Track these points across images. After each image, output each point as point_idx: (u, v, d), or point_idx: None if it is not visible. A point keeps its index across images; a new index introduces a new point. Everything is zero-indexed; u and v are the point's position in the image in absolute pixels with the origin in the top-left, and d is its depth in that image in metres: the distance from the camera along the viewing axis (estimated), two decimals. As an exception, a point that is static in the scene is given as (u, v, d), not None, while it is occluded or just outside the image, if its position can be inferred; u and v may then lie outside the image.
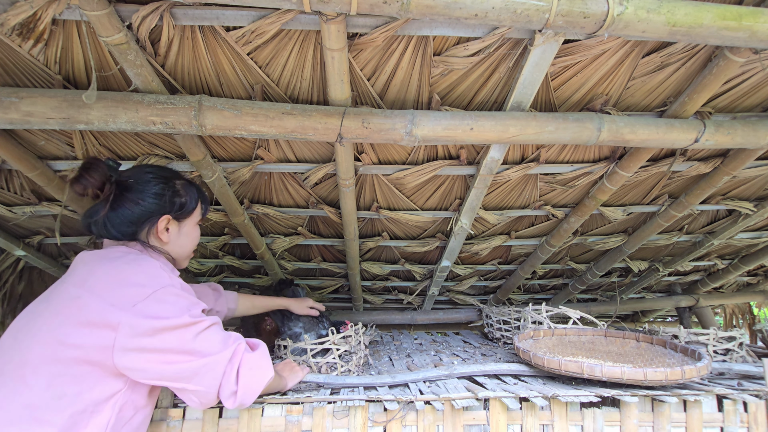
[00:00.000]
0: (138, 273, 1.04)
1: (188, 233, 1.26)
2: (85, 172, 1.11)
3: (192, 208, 1.25)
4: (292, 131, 1.35)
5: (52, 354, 0.94)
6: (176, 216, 1.21)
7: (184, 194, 1.23)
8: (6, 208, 1.87)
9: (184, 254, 1.27)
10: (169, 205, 1.18)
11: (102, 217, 1.12)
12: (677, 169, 1.92)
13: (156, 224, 1.17)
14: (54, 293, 1.04)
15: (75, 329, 0.95)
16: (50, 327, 0.96)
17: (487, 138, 1.43)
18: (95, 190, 1.12)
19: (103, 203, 1.13)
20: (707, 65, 1.43)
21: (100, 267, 1.05)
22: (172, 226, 1.20)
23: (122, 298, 0.98)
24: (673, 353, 1.64)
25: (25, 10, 1.11)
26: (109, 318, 0.96)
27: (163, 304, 1.01)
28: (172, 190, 1.20)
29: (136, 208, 1.13)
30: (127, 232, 1.14)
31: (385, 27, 1.20)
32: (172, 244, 1.21)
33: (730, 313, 4.29)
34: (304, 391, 1.42)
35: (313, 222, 2.24)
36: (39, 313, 1.01)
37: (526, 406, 1.33)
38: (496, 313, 2.46)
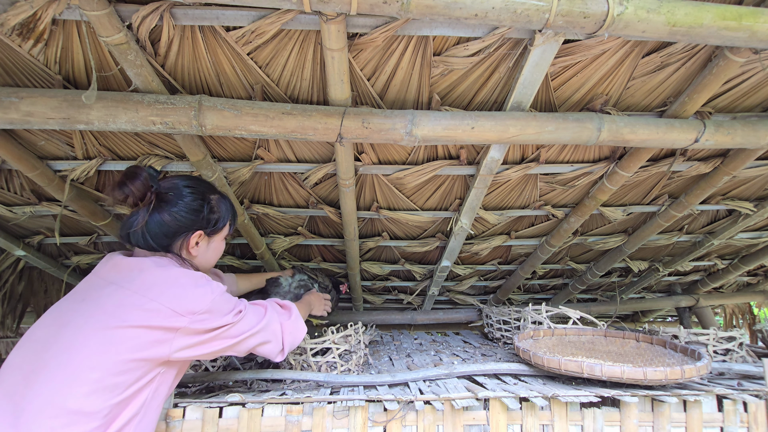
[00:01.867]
0: (195, 284, 1.11)
1: (215, 248, 1.30)
2: (129, 180, 1.13)
3: (224, 224, 1.29)
4: (292, 131, 1.35)
5: (107, 353, 0.97)
6: (209, 232, 1.25)
7: (217, 211, 1.26)
8: (6, 208, 1.87)
9: (207, 267, 1.31)
10: (204, 222, 1.22)
11: (141, 227, 1.15)
12: (677, 169, 1.92)
13: (189, 239, 1.20)
14: (103, 294, 1.06)
15: (137, 332, 1.00)
16: (106, 326, 0.99)
17: (487, 138, 1.43)
18: (136, 200, 1.14)
19: (143, 213, 1.15)
20: (707, 65, 1.43)
21: (158, 275, 1.09)
22: (203, 241, 1.24)
23: (185, 306, 1.05)
24: (673, 353, 1.64)
25: (25, 10, 1.11)
26: (173, 323, 1.04)
27: (216, 313, 1.12)
28: (209, 206, 1.23)
29: (173, 223, 1.16)
30: (163, 243, 1.17)
31: (385, 27, 1.20)
32: (199, 258, 1.25)
33: (730, 313, 4.29)
34: (304, 391, 1.42)
35: (313, 222, 2.24)
36: (89, 313, 1.02)
37: (526, 406, 1.33)
38: (496, 313, 2.46)
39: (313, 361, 1.59)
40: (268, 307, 1.30)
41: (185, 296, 1.07)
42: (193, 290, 1.09)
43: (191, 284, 1.10)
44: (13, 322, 2.69)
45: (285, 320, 1.31)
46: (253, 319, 1.22)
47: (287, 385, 1.53)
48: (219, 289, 1.15)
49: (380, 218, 2.17)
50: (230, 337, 1.16)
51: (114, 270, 1.12)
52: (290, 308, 1.38)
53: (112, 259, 1.15)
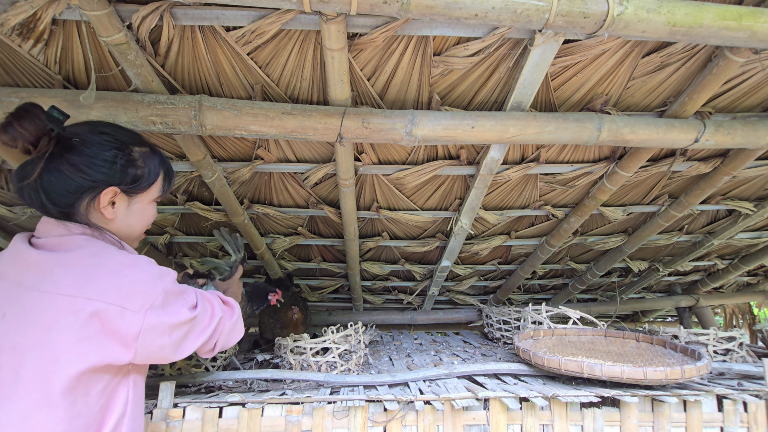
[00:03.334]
0: (140, 270, 0.93)
1: (140, 211, 1.04)
2: (17, 120, 0.87)
3: (149, 182, 1.03)
4: (292, 131, 1.35)
5: (61, 374, 0.83)
6: (127, 190, 0.99)
7: (141, 165, 1.01)
8: (6, 208, 1.87)
9: (132, 235, 1.06)
10: (119, 176, 0.96)
11: (33, 180, 0.91)
12: (677, 169, 1.92)
13: (99, 197, 0.95)
14: (28, 305, 0.86)
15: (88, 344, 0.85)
16: (47, 344, 0.83)
17: (487, 138, 1.43)
18: (26, 144, 0.88)
19: (36, 162, 0.90)
20: (707, 65, 1.43)
21: (90, 266, 0.90)
22: (120, 200, 0.99)
23: (135, 301, 0.88)
24: (673, 353, 1.64)
25: (25, 10, 1.11)
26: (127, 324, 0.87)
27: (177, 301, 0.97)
28: (126, 157, 0.98)
29: (75, 174, 0.92)
30: (63, 203, 0.94)
31: (385, 27, 1.20)
32: (117, 222, 1.00)
33: (730, 313, 4.29)
34: (304, 391, 1.42)
35: (313, 222, 2.24)
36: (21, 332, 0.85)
37: (526, 406, 1.33)
38: (496, 313, 2.46)
39: (313, 361, 1.59)
40: (214, 302, 1.10)
41: (133, 288, 0.89)
42: (139, 278, 0.91)
43: (136, 271, 0.92)
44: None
45: (227, 320, 1.12)
46: (206, 313, 1.05)
47: (287, 385, 1.53)
48: (169, 274, 0.97)
49: (380, 218, 2.17)
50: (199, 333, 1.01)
51: (29, 270, 0.89)
52: (233, 307, 1.17)
53: (18, 252, 0.92)
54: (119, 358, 0.88)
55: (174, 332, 0.94)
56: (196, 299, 1.02)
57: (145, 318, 0.88)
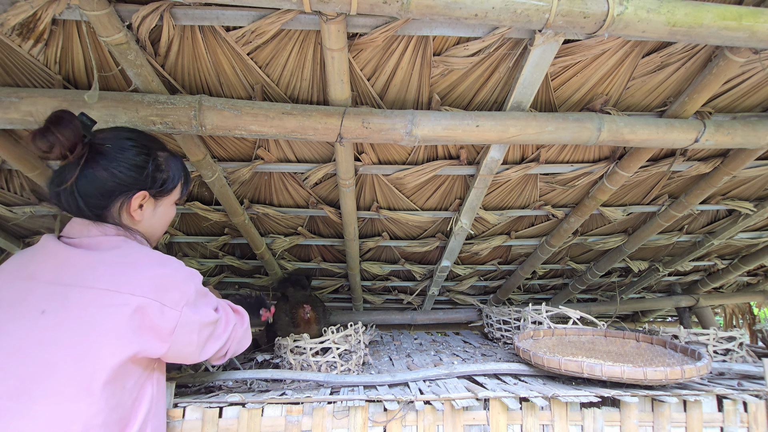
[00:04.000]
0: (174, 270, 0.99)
1: (164, 213, 1.12)
2: (54, 126, 0.92)
3: (173, 186, 1.10)
4: (292, 131, 1.35)
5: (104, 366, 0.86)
6: (155, 193, 1.06)
7: (166, 169, 1.08)
8: (6, 208, 1.87)
9: (155, 235, 1.13)
10: (149, 181, 1.03)
11: (70, 184, 0.96)
12: (677, 169, 1.92)
13: (130, 201, 1.02)
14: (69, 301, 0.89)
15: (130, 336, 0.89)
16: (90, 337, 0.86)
17: (487, 138, 1.43)
18: (63, 151, 0.93)
19: (73, 167, 0.96)
20: (707, 65, 1.43)
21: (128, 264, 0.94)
22: (148, 204, 1.06)
23: (173, 298, 0.94)
24: (673, 353, 1.64)
25: (25, 10, 1.11)
26: (166, 319, 0.93)
27: (204, 301, 1.04)
28: (154, 163, 1.05)
29: (110, 180, 0.98)
30: (97, 205, 0.99)
31: (385, 27, 1.20)
32: (144, 223, 1.07)
33: (730, 313, 4.29)
34: (304, 391, 1.42)
35: (313, 222, 2.24)
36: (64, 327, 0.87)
37: (526, 406, 1.33)
38: (496, 313, 2.46)
39: (313, 361, 1.59)
40: (228, 309, 1.17)
41: (170, 285, 0.94)
42: (175, 276, 0.97)
43: (171, 270, 0.97)
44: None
45: (239, 327, 1.18)
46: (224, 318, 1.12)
47: (287, 385, 1.53)
48: (198, 276, 1.03)
49: (380, 218, 2.17)
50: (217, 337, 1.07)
51: (69, 268, 0.93)
52: (243, 316, 1.24)
53: (51, 252, 0.96)
54: (155, 350, 0.93)
55: (202, 331, 1.01)
56: (216, 303, 1.09)
57: (181, 314, 0.94)
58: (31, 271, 0.94)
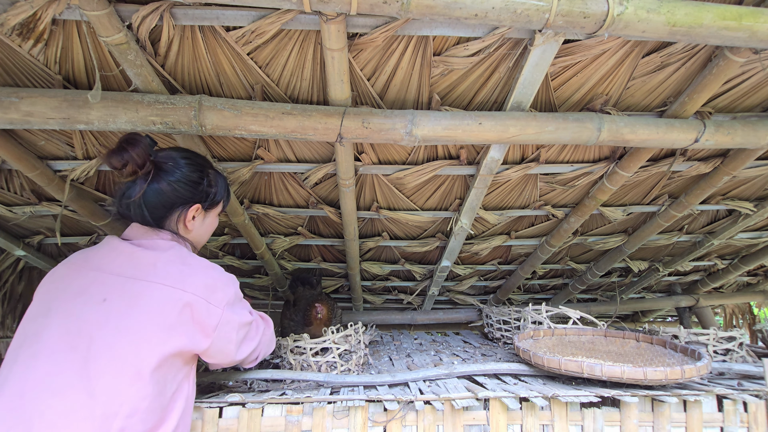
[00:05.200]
0: (219, 273, 1.12)
1: (210, 223, 1.28)
2: (130, 146, 1.08)
3: (220, 199, 1.27)
4: (292, 131, 1.35)
5: (154, 353, 0.96)
6: (206, 206, 1.23)
7: (215, 185, 1.24)
8: (6, 208, 1.87)
9: (201, 242, 1.29)
10: (203, 195, 1.20)
11: (139, 197, 1.10)
12: (677, 169, 1.92)
13: (187, 212, 1.17)
14: (130, 291, 1.00)
15: (179, 328, 1.00)
16: (149, 325, 0.97)
17: (487, 138, 1.43)
18: (135, 167, 1.09)
19: (141, 182, 1.11)
20: (707, 65, 1.43)
21: (183, 264, 1.07)
22: (199, 215, 1.21)
23: (218, 297, 1.06)
24: (673, 353, 1.64)
25: (25, 10, 1.11)
26: (211, 315, 1.04)
27: (241, 304, 1.16)
28: (207, 179, 1.21)
29: (172, 193, 1.13)
30: (160, 216, 1.14)
31: (385, 27, 1.20)
32: (194, 233, 1.22)
33: (730, 313, 4.29)
34: (304, 391, 1.42)
35: (313, 222, 2.24)
36: (123, 314, 0.97)
37: (526, 406, 1.33)
38: (496, 313, 2.46)
39: (313, 361, 1.59)
40: (256, 314, 1.29)
41: (215, 286, 1.07)
42: (219, 278, 1.10)
43: (216, 273, 1.11)
44: (14, 322, 2.69)
45: (267, 331, 1.33)
46: (257, 321, 1.25)
47: (287, 385, 1.53)
48: (236, 281, 1.16)
49: (380, 218, 2.17)
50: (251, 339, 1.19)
51: (128, 263, 1.05)
52: (269, 322, 1.37)
53: (116, 249, 1.09)
54: (199, 344, 1.04)
55: (239, 330, 1.12)
56: (249, 307, 1.22)
57: (223, 312, 1.06)
58: (96, 263, 1.06)
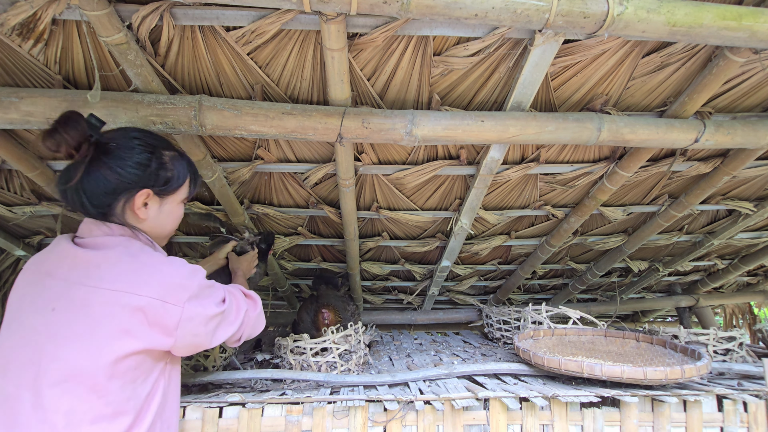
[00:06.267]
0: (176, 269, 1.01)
1: (170, 212, 1.12)
2: (61, 126, 0.96)
3: (178, 184, 1.11)
4: (292, 131, 1.35)
5: (107, 360, 0.91)
6: (159, 192, 1.07)
7: (171, 168, 1.09)
8: (6, 208, 1.87)
9: (163, 234, 1.14)
10: (152, 179, 1.04)
11: (76, 182, 0.99)
12: (677, 169, 1.92)
13: (133, 198, 1.03)
14: (77, 300, 0.94)
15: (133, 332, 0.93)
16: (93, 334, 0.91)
17: (487, 138, 1.43)
18: (69, 149, 0.97)
19: (79, 165, 0.99)
20: (707, 65, 1.43)
21: (132, 264, 0.98)
22: (153, 202, 1.07)
23: (175, 295, 0.97)
24: (673, 353, 1.64)
25: (25, 10, 1.11)
26: (170, 315, 0.96)
27: (209, 294, 1.06)
28: (158, 161, 1.06)
29: (113, 177, 1.00)
30: (102, 203, 1.01)
31: (385, 27, 1.20)
32: (150, 222, 1.08)
33: (730, 313, 4.29)
34: (304, 391, 1.42)
35: (313, 222, 2.24)
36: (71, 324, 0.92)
37: (526, 406, 1.33)
38: (496, 313, 2.46)
39: (313, 361, 1.59)
40: (239, 296, 1.19)
41: (172, 283, 0.97)
42: (176, 275, 0.99)
43: (173, 268, 1.00)
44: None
45: (252, 312, 1.21)
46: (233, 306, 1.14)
47: (287, 385, 1.53)
48: (201, 271, 1.05)
49: (380, 218, 2.17)
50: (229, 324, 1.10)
51: (74, 266, 0.97)
52: (256, 300, 1.26)
53: (63, 251, 1.01)
54: (161, 344, 0.97)
55: (209, 322, 1.04)
56: (224, 293, 1.11)
57: (183, 309, 0.97)
58: (47, 268, 1.00)
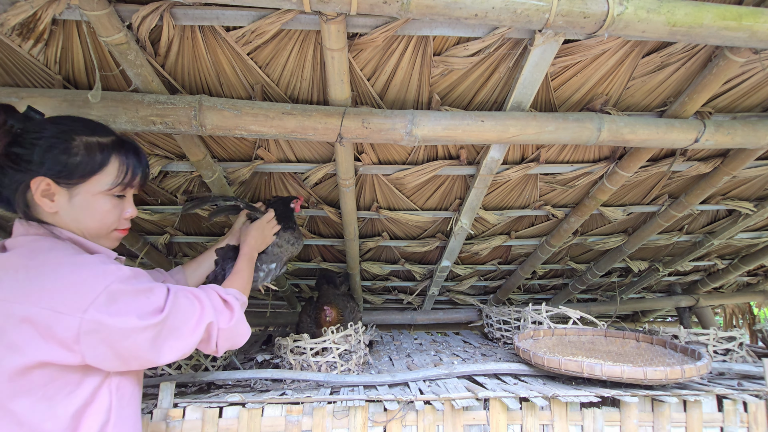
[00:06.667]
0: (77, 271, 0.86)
1: (86, 203, 0.96)
2: None
3: (84, 173, 0.94)
4: (292, 131, 1.35)
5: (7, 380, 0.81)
6: (58, 180, 0.92)
7: (78, 153, 0.93)
8: (6, 208, 1.87)
9: (87, 229, 0.97)
10: (48, 164, 0.91)
11: None
12: (677, 169, 1.92)
13: (29, 187, 0.92)
14: None
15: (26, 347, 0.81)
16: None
17: (487, 138, 1.43)
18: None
19: None
20: (707, 65, 1.43)
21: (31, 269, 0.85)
22: (59, 192, 0.93)
23: (70, 304, 0.82)
24: (673, 353, 1.64)
25: (25, 10, 1.11)
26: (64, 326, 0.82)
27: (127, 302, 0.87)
28: (63, 145, 0.92)
29: (7, 165, 0.91)
30: (7, 198, 0.95)
31: (385, 27, 1.20)
32: (62, 216, 0.95)
33: (730, 313, 4.29)
34: (304, 391, 1.42)
35: (313, 222, 2.24)
36: None
37: (526, 406, 1.33)
38: (496, 313, 2.46)
39: (313, 361, 1.59)
40: (205, 305, 1.02)
41: (68, 288, 0.83)
42: (78, 278, 0.84)
43: (76, 271, 0.85)
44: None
45: (223, 323, 1.04)
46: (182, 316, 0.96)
47: (287, 385, 1.53)
48: (116, 272, 0.88)
49: (380, 218, 2.17)
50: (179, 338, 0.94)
51: None
52: (233, 307, 1.09)
53: None
54: (65, 359, 0.83)
55: (134, 337, 0.86)
56: (162, 300, 0.93)
57: (82, 321, 0.82)
58: None
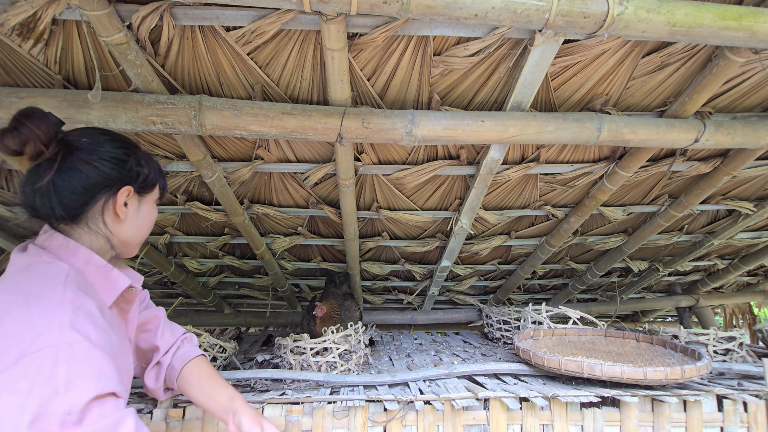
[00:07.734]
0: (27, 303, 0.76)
1: (148, 212, 1.02)
2: (28, 120, 0.83)
3: (154, 182, 1.02)
4: (292, 131, 1.35)
5: None
6: (138, 189, 0.97)
7: (146, 165, 1.00)
8: (6, 208, 1.87)
9: (139, 238, 1.02)
10: (133, 176, 0.95)
11: (47, 182, 0.85)
12: (677, 169, 1.92)
13: (116, 196, 0.92)
14: None
15: None
16: None
17: (487, 138, 1.43)
18: (39, 146, 0.84)
19: (49, 164, 0.86)
20: (707, 65, 1.43)
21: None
22: (132, 201, 0.97)
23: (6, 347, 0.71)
24: (673, 353, 1.64)
25: (25, 10, 1.11)
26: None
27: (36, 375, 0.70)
28: (135, 157, 0.97)
29: (92, 172, 0.89)
30: (75, 203, 0.89)
31: (385, 27, 1.20)
32: (128, 224, 0.97)
33: (730, 313, 4.29)
34: (304, 391, 1.42)
35: (313, 222, 2.24)
36: None
37: (526, 406, 1.33)
38: (496, 313, 2.46)
39: (313, 361, 1.59)
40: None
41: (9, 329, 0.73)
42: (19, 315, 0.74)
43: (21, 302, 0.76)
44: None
45: None
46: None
47: (287, 385, 1.53)
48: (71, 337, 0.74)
49: (380, 218, 2.17)
50: None
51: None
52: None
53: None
54: None
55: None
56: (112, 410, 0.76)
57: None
58: None
